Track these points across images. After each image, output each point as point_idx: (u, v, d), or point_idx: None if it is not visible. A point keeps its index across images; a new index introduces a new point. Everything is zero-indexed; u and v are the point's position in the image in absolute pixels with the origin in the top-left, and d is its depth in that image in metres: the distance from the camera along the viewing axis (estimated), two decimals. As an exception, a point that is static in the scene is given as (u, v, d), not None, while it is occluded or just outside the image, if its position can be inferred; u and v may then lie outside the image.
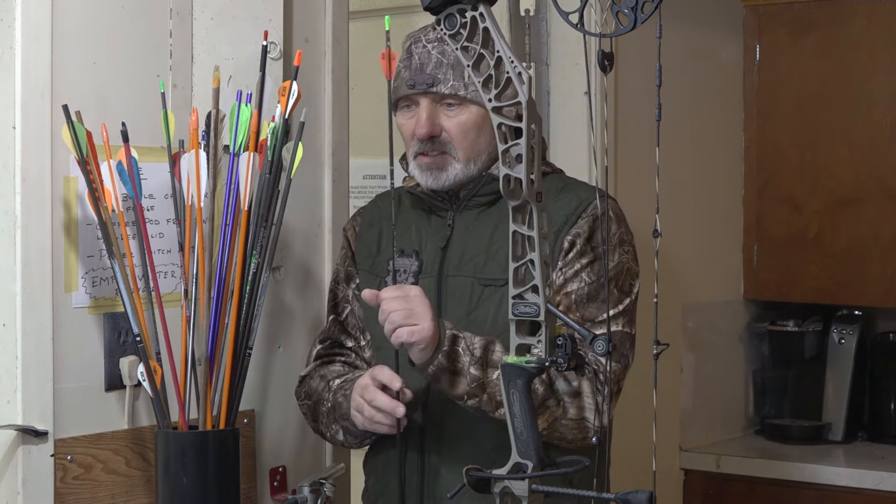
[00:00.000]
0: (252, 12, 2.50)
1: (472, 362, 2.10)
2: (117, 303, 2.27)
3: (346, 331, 2.43)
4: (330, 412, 2.31)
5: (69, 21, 2.25)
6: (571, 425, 2.14)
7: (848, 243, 3.90)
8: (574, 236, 2.21)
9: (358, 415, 2.22)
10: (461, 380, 2.10)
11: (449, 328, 2.11)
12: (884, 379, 3.95)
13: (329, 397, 2.32)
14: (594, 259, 2.21)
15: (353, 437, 2.31)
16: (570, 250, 2.21)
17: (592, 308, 2.20)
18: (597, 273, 2.20)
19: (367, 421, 2.20)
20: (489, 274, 2.23)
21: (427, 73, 2.24)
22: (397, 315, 2.08)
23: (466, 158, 2.26)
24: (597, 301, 2.19)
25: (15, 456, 2.19)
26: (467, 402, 2.12)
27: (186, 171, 2.27)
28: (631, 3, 1.61)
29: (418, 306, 2.08)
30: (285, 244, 2.59)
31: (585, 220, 2.22)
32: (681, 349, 3.81)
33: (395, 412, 2.16)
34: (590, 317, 2.19)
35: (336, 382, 2.32)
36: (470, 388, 2.10)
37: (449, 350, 2.09)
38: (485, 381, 2.10)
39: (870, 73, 3.86)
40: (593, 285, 2.20)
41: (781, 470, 3.70)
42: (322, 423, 2.35)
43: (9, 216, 2.19)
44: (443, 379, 2.11)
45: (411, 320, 2.07)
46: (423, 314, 2.08)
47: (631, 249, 2.26)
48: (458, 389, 2.11)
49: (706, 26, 3.89)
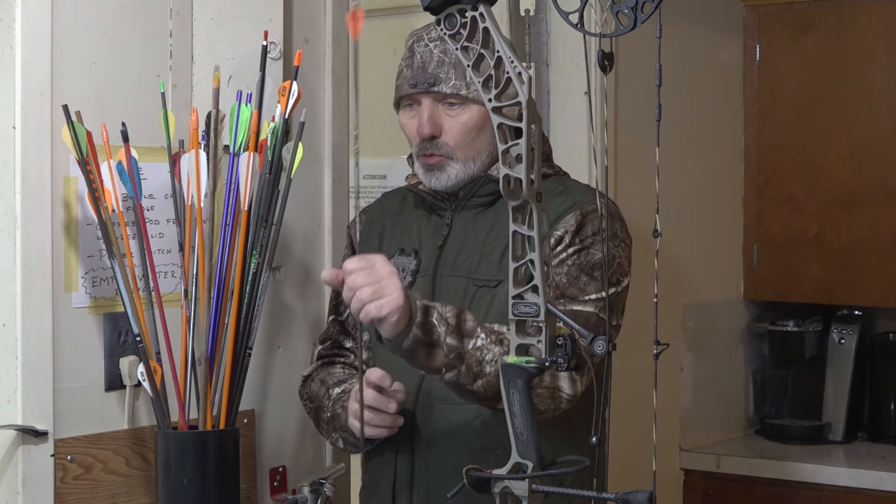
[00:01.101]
0: (252, 12, 2.50)
1: (448, 332, 2.02)
2: (117, 303, 2.27)
3: (346, 331, 2.43)
4: (330, 421, 2.32)
5: (69, 21, 2.25)
6: (545, 394, 2.09)
7: (848, 243, 3.90)
8: (562, 232, 2.20)
9: (356, 422, 2.21)
10: (438, 351, 2.02)
11: (418, 298, 2.03)
12: (884, 379, 3.95)
13: (329, 406, 2.32)
14: (581, 248, 2.19)
15: (353, 445, 2.32)
16: (557, 245, 2.20)
17: (573, 289, 2.16)
18: (582, 259, 2.19)
19: (366, 426, 2.19)
20: (483, 274, 2.23)
21: (429, 73, 2.24)
22: (365, 291, 1.96)
23: (466, 158, 2.26)
24: (578, 283, 2.17)
25: (15, 456, 2.19)
26: (445, 374, 2.04)
27: (186, 171, 2.27)
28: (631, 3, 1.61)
29: (385, 276, 1.97)
30: (285, 244, 2.59)
31: (573, 214, 2.21)
32: (681, 349, 3.81)
33: (386, 408, 2.15)
34: (571, 295, 2.15)
35: (335, 392, 2.32)
36: (448, 359, 2.02)
37: (422, 321, 2.00)
38: (462, 351, 2.03)
39: (870, 73, 3.86)
40: (574, 267, 2.17)
41: (781, 470, 3.70)
42: (323, 429, 2.36)
43: (9, 216, 2.19)
44: (419, 353, 2.02)
45: (380, 293, 1.96)
46: (391, 285, 1.97)
47: (625, 247, 2.24)
48: (435, 362, 2.02)
49: (706, 26, 3.89)
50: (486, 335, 2.06)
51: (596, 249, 2.19)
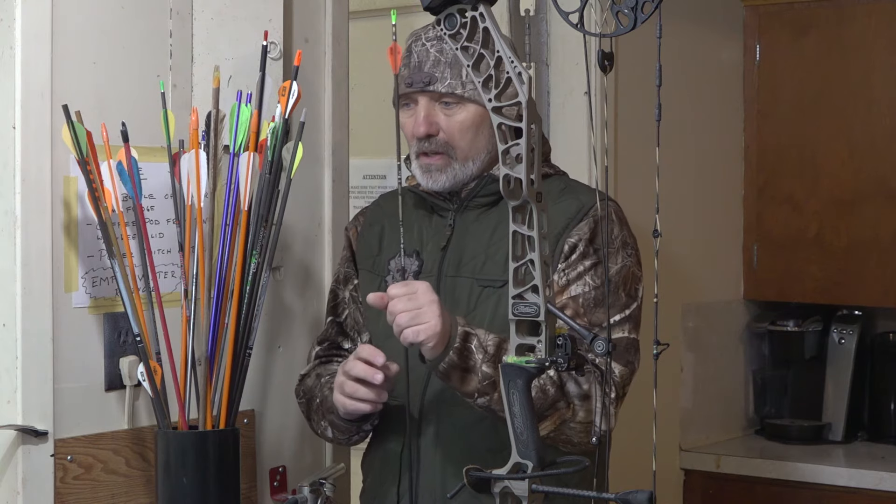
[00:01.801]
0: (252, 12, 2.50)
1: (484, 360, 2.07)
2: (117, 303, 2.27)
3: (344, 332, 2.43)
4: (319, 407, 2.32)
5: (69, 21, 2.25)
6: (579, 428, 2.13)
7: (848, 243, 3.90)
8: (576, 239, 2.20)
9: (340, 396, 2.20)
10: (472, 377, 2.08)
11: (461, 325, 2.09)
12: (884, 379, 3.95)
13: (318, 392, 2.33)
14: (597, 262, 2.20)
15: (339, 431, 2.30)
16: (571, 253, 2.20)
17: (600, 313, 2.18)
18: (601, 276, 2.20)
19: (349, 399, 2.18)
20: (488, 275, 2.23)
21: (424, 72, 2.24)
22: (404, 317, 2.05)
23: (464, 158, 2.26)
24: (604, 306, 2.19)
25: (15, 456, 2.19)
26: (477, 399, 2.10)
27: (186, 171, 2.27)
28: (631, 3, 1.61)
29: (425, 304, 2.05)
30: (285, 244, 2.59)
31: (586, 222, 2.22)
32: (681, 349, 3.82)
33: (373, 379, 2.14)
34: (597, 322, 2.18)
35: (326, 378, 2.33)
36: (481, 385, 2.08)
37: (461, 347, 2.07)
38: (497, 379, 2.06)
39: (870, 73, 3.87)
40: (599, 290, 2.19)
41: (781, 470, 3.70)
42: (313, 419, 2.36)
43: (9, 216, 2.19)
44: (453, 376, 2.08)
45: (417, 320, 2.05)
46: (429, 312, 2.05)
47: (634, 253, 2.25)
48: (468, 387, 2.09)
49: (706, 26, 3.89)
50: None
51: (612, 260, 2.21)
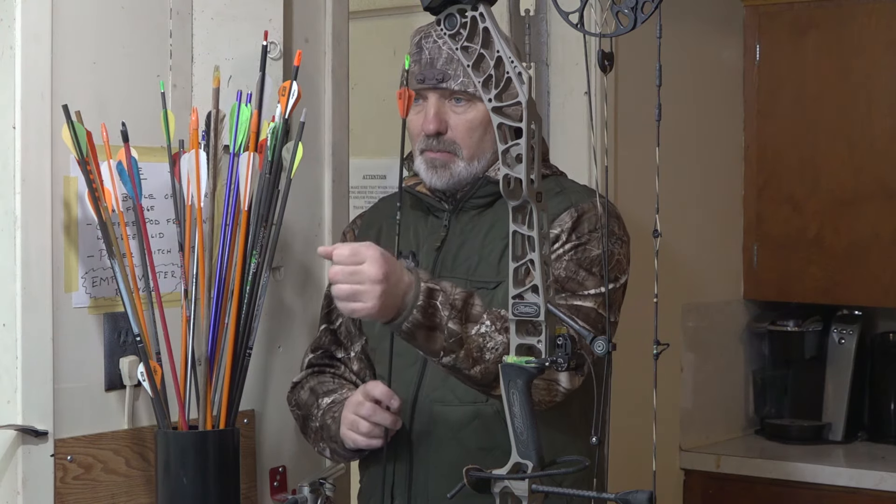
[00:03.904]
0: (252, 12, 2.50)
1: (451, 316, 2.02)
2: (117, 303, 2.27)
3: (338, 340, 2.42)
4: (318, 431, 2.32)
5: (69, 21, 2.25)
6: (542, 385, 2.09)
7: (848, 243, 3.90)
8: (558, 231, 2.20)
9: (349, 433, 2.21)
10: (438, 335, 2.02)
11: (424, 280, 2.04)
12: (884, 379, 3.95)
13: (318, 416, 2.32)
14: (578, 244, 2.19)
15: (340, 456, 2.32)
16: (554, 243, 2.19)
17: (572, 284, 2.16)
18: (581, 254, 2.18)
19: (364, 437, 2.20)
20: (481, 276, 2.23)
21: (437, 69, 2.24)
22: (343, 290, 1.99)
23: (471, 157, 2.26)
24: (577, 278, 2.17)
25: (15, 456, 2.19)
26: (442, 359, 2.04)
27: (186, 171, 2.27)
28: (631, 3, 1.61)
29: (367, 283, 1.98)
30: (285, 244, 2.59)
31: (568, 212, 2.21)
32: (681, 349, 3.81)
33: (395, 426, 2.18)
34: (570, 289, 2.15)
35: (325, 402, 2.32)
36: (447, 343, 2.02)
37: (424, 304, 2.01)
38: (463, 336, 2.03)
39: (870, 73, 3.86)
40: (572, 262, 2.17)
41: (781, 470, 3.70)
42: (310, 438, 2.36)
43: (9, 216, 2.19)
44: (418, 335, 2.02)
45: (355, 298, 1.98)
46: (369, 293, 1.97)
47: (622, 244, 2.24)
48: (434, 345, 2.03)
49: (706, 26, 3.89)
50: (492, 322, 2.06)
51: (593, 246, 2.19)
